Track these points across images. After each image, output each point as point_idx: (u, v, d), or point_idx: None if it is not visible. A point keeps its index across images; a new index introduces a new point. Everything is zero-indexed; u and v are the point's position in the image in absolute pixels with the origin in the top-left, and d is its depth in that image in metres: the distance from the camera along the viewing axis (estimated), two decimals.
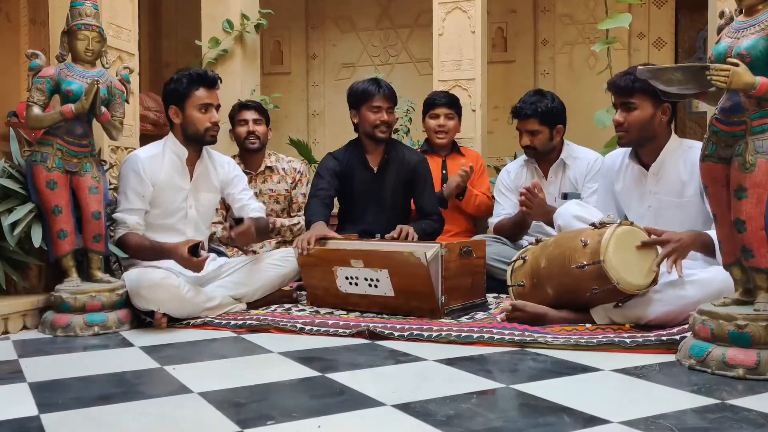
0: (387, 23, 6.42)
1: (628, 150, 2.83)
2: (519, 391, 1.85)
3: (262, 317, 2.82)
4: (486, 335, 2.43)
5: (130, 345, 2.52)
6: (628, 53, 5.69)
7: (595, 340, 2.32)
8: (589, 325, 2.51)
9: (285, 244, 3.74)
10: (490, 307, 3.01)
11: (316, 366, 2.14)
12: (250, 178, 3.84)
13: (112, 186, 3.16)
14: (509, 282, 2.78)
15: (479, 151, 4.12)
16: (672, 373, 2.01)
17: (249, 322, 2.77)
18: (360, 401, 1.78)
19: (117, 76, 2.97)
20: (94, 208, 2.83)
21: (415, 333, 2.51)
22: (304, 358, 2.26)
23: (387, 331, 2.54)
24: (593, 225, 2.55)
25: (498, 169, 4.20)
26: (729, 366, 1.93)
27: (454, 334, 2.46)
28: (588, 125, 4.24)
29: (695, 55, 5.86)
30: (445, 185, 3.74)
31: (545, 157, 3.42)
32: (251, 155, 3.88)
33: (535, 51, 5.99)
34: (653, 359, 2.16)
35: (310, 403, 1.79)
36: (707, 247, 2.43)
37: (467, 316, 2.82)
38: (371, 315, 2.89)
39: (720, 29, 2.15)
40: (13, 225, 2.69)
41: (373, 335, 2.54)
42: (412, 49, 6.32)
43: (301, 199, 3.92)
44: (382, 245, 2.95)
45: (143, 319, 2.84)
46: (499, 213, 3.53)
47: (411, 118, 4.67)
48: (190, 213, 3.08)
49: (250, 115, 3.84)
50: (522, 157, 3.56)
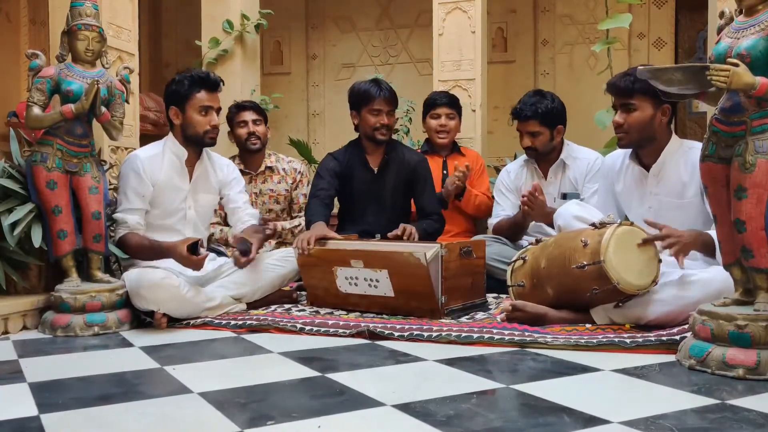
0: (387, 23, 6.42)
1: (629, 150, 2.82)
2: (519, 391, 1.85)
3: (262, 317, 2.83)
4: (486, 335, 2.43)
5: (130, 345, 2.52)
6: (628, 53, 5.69)
7: (595, 341, 2.32)
8: (589, 325, 2.51)
9: (285, 245, 3.74)
10: (490, 307, 3.01)
11: (316, 366, 2.14)
12: (250, 179, 3.84)
13: (112, 186, 3.16)
14: (509, 282, 2.78)
15: (479, 151, 4.12)
16: (672, 374, 2.01)
17: (249, 322, 2.77)
18: (360, 401, 1.78)
19: (117, 76, 2.98)
20: (94, 208, 2.83)
21: (415, 333, 2.51)
22: (304, 358, 2.26)
23: (387, 331, 2.54)
24: (593, 225, 2.55)
25: (498, 169, 4.19)
26: (729, 366, 1.93)
27: (454, 334, 2.46)
28: (588, 125, 4.24)
29: (695, 56, 5.86)
30: (448, 183, 3.73)
31: (545, 157, 3.42)
32: (251, 156, 3.87)
33: (535, 51, 5.99)
34: (653, 359, 2.16)
35: (310, 403, 1.79)
36: (708, 247, 2.43)
37: (467, 316, 2.82)
38: (371, 315, 2.89)
39: (720, 29, 2.15)
40: (13, 225, 2.70)
41: (373, 335, 2.54)
42: (412, 49, 6.32)
43: (302, 199, 3.91)
44: (382, 245, 2.95)
45: (143, 319, 2.84)
46: (499, 213, 3.53)
47: (411, 119, 4.67)
48: (189, 214, 3.08)
49: (248, 116, 3.84)
50: (522, 157, 3.56)
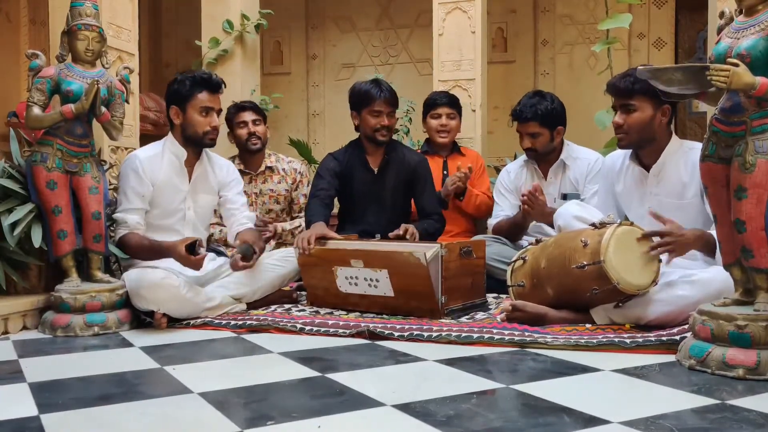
0: (387, 23, 6.42)
1: (629, 151, 2.82)
2: (519, 392, 1.85)
3: (262, 317, 2.83)
4: (486, 335, 2.43)
5: (130, 345, 2.52)
6: (628, 53, 5.69)
7: (595, 341, 2.32)
8: (589, 325, 2.51)
9: (285, 246, 3.73)
10: (490, 307, 3.01)
11: (316, 366, 2.14)
12: (250, 179, 3.84)
13: (112, 186, 3.16)
14: (509, 282, 2.78)
15: (479, 151, 4.12)
16: (672, 374, 2.01)
17: (249, 322, 2.77)
18: (360, 401, 1.78)
19: (117, 76, 2.98)
20: (94, 209, 2.83)
21: (415, 333, 2.51)
22: (304, 358, 2.26)
23: (387, 332, 2.54)
24: (593, 225, 2.55)
25: (498, 169, 4.19)
26: (729, 366, 1.93)
27: (454, 334, 2.46)
28: (588, 125, 4.24)
29: (695, 56, 5.86)
30: (447, 183, 3.72)
31: (545, 157, 3.41)
32: (252, 156, 3.87)
33: (535, 51, 5.99)
34: (653, 359, 2.16)
35: (310, 403, 1.79)
36: (709, 247, 2.43)
37: (467, 316, 2.82)
38: (371, 315, 2.89)
39: (720, 29, 2.15)
40: (13, 225, 2.69)
41: (373, 335, 2.54)
42: (412, 49, 6.32)
43: (302, 200, 3.91)
44: (382, 245, 2.95)
45: (143, 320, 2.84)
46: (498, 214, 3.53)
47: (411, 119, 4.67)
48: (189, 214, 3.08)
49: (248, 116, 3.83)
50: (522, 157, 3.56)
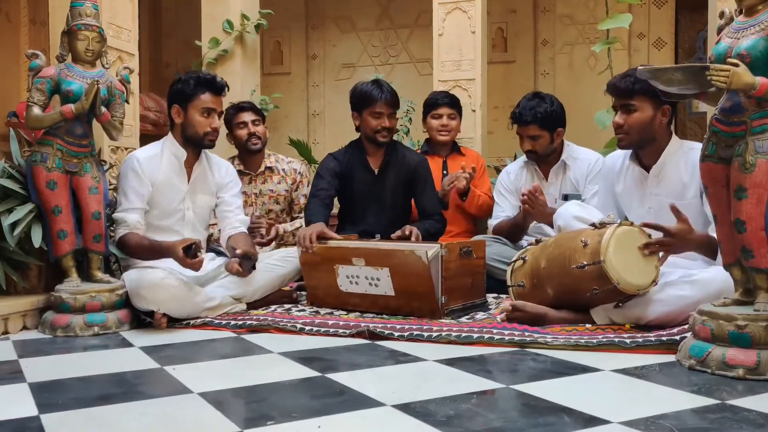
0: (387, 23, 6.42)
1: (629, 151, 2.82)
2: (519, 392, 1.85)
3: (262, 317, 2.83)
4: (486, 335, 2.43)
5: (130, 345, 2.52)
6: (628, 53, 5.69)
7: (595, 341, 2.32)
8: (589, 325, 2.51)
9: (286, 246, 3.73)
10: (490, 307, 3.01)
11: (316, 366, 2.14)
12: (250, 179, 3.84)
13: (112, 186, 3.16)
14: (509, 282, 2.78)
15: (479, 152, 4.12)
16: (672, 374, 2.01)
17: (249, 322, 2.77)
18: (360, 401, 1.78)
19: (117, 76, 2.98)
20: (94, 209, 2.83)
21: (415, 333, 2.51)
22: (304, 358, 2.26)
23: (387, 332, 2.54)
24: (593, 225, 2.55)
25: (498, 169, 4.19)
26: (729, 366, 1.93)
27: (454, 334, 2.46)
28: (588, 126, 4.24)
29: (695, 56, 5.86)
30: (444, 183, 3.71)
31: (546, 158, 3.41)
32: (251, 156, 3.87)
33: (535, 51, 5.99)
34: (653, 359, 2.16)
35: (310, 403, 1.79)
36: (710, 249, 2.42)
37: (467, 317, 2.82)
38: (371, 315, 2.89)
39: (720, 29, 2.15)
40: (13, 225, 2.70)
41: (373, 335, 2.54)
42: (412, 49, 6.32)
43: (302, 200, 3.91)
44: (383, 244, 2.96)
45: (143, 320, 2.84)
46: (499, 215, 3.52)
47: (411, 119, 4.67)
48: (188, 214, 3.08)
49: (247, 116, 3.83)
50: (522, 158, 3.55)
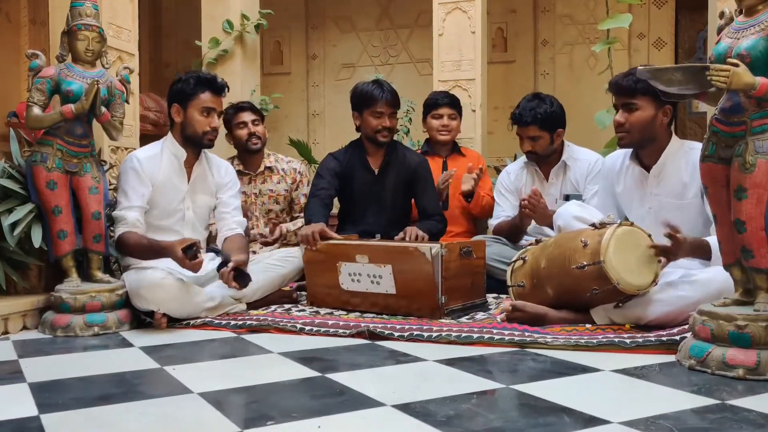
0: (387, 23, 6.42)
1: (629, 151, 2.82)
2: (519, 392, 1.85)
3: (262, 317, 2.83)
4: (486, 335, 2.43)
5: (130, 345, 2.52)
6: (628, 54, 5.69)
7: (595, 341, 2.32)
8: (589, 325, 2.51)
9: (289, 246, 3.72)
10: (490, 307, 3.01)
11: (316, 366, 2.14)
12: (250, 179, 3.84)
13: (112, 186, 3.16)
14: (509, 282, 2.78)
15: (479, 152, 4.12)
16: (672, 374, 2.01)
17: (249, 322, 2.77)
18: (360, 401, 1.78)
19: (117, 76, 2.98)
20: (94, 209, 2.83)
21: (415, 333, 2.51)
22: (304, 358, 2.26)
23: (387, 332, 2.54)
24: (593, 225, 2.54)
25: (498, 169, 4.19)
26: (729, 366, 1.93)
27: (454, 334, 2.46)
28: (588, 126, 4.24)
29: (695, 56, 5.86)
30: (439, 182, 3.69)
31: (546, 159, 3.41)
32: (251, 156, 3.86)
33: (535, 51, 5.99)
34: (653, 359, 2.16)
35: (310, 403, 1.79)
36: (705, 254, 2.43)
37: (467, 317, 2.82)
38: (371, 315, 2.89)
39: (720, 29, 2.15)
40: (13, 225, 2.70)
41: (373, 335, 2.54)
42: (412, 49, 6.32)
43: (302, 200, 3.90)
44: (387, 243, 2.97)
45: (143, 320, 2.84)
46: (499, 215, 3.53)
47: (411, 119, 4.67)
48: (188, 214, 3.07)
49: (247, 116, 3.82)
50: (522, 158, 3.55)
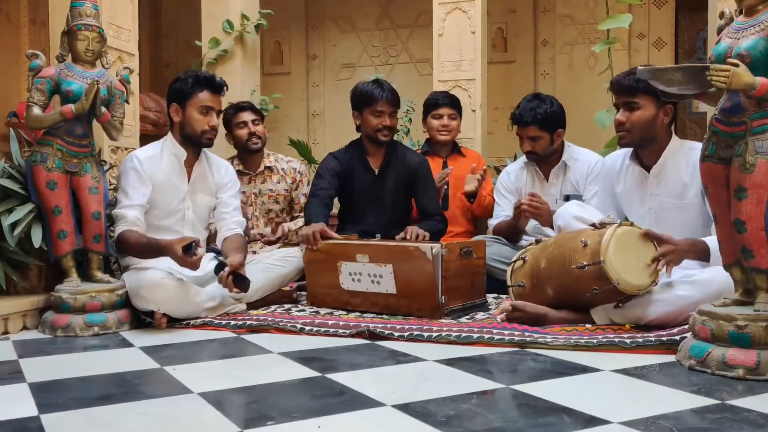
0: (387, 23, 6.42)
1: (629, 151, 2.82)
2: (519, 392, 1.85)
3: (262, 317, 2.83)
4: (486, 336, 2.43)
5: (130, 345, 2.52)
6: (628, 54, 5.69)
7: (595, 341, 2.32)
8: (589, 325, 2.51)
9: (290, 245, 3.72)
10: (490, 307, 3.01)
11: (316, 366, 2.14)
12: (249, 179, 3.84)
13: (112, 186, 3.16)
14: (509, 282, 2.78)
15: (479, 152, 4.12)
16: (672, 374, 2.01)
17: (249, 322, 2.77)
18: (360, 401, 1.78)
19: (117, 76, 2.98)
20: (94, 209, 2.83)
21: (415, 333, 2.51)
22: (304, 358, 2.26)
23: (387, 332, 2.54)
24: (593, 225, 2.55)
25: (498, 169, 4.19)
26: (729, 366, 1.93)
27: (454, 334, 2.46)
28: (588, 126, 4.24)
29: (695, 56, 5.86)
30: (435, 180, 3.68)
31: (546, 159, 3.40)
32: (251, 156, 3.86)
33: (535, 51, 5.99)
34: (653, 360, 2.16)
35: (310, 403, 1.79)
36: (703, 254, 2.43)
37: (467, 317, 2.82)
38: (371, 315, 2.89)
39: (720, 30, 2.15)
40: (13, 225, 2.70)
41: (373, 335, 2.54)
42: (412, 49, 6.32)
43: (302, 199, 3.90)
44: (387, 242, 2.97)
45: (143, 320, 2.84)
46: (499, 215, 3.52)
47: (411, 119, 4.67)
48: (188, 214, 3.07)
49: (247, 116, 3.83)
50: (522, 158, 3.55)
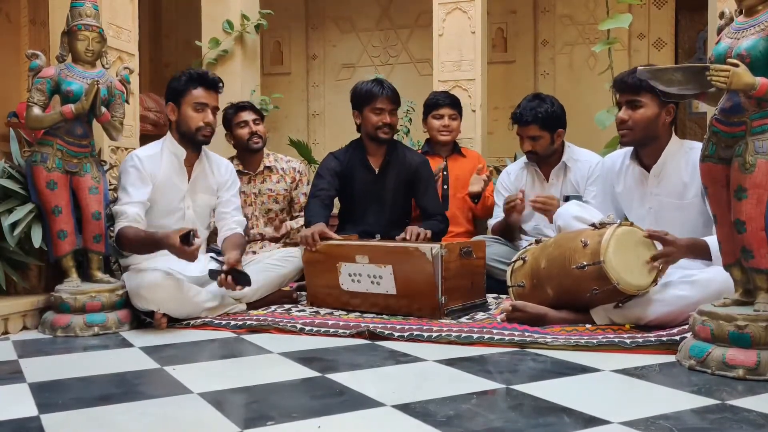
0: (387, 24, 6.42)
1: (629, 151, 2.82)
2: (519, 392, 1.85)
3: (262, 318, 2.83)
4: (486, 336, 2.43)
5: (130, 345, 2.52)
6: (628, 54, 5.69)
7: (595, 341, 2.32)
8: (589, 325, 2.51)
9: (292, 243, 3.72)
10: (490, 307, 3.01)
11: (316, 366, 2.14)
12: (249, 179, 3.84)
13: (112, 186, 3.16)
14: (509, 282, 2.78)
15: (479, 152, 4.12)
16: (672, 374, 2.01)
17: (249, 322, 2.77)
18: (360, 401, 1.78)
19: (117, 76, 2.98)
20: (94, 209, 2.83)
21: (415, 333, 2.51)
22: (304, 358, 2.26)
23: (387, 332, 2.54)
24: (593, 225, 2.55)
25: (498, 169, 4.19)
26: (729, 366, 1.93)
27: (454, 334, 2.46)
28: (588, 126, 4.24)
29: (695, 56, 5.86)
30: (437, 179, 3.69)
31: (546, 160, 3.40)
32: (251, 155, 3.87)
33: (535, 51, 5.99)
34: (653, 360, 2.16)
35: (310, 403, 1.79)
36: (703, 254, 2.43)
37: (467, 317, 2.82)
38: (371, 315, 2.89)
39: (720, 30, 2.15)
40: (13, 225, 2.70)
41: (373, 336, 2.54)
42: (412, 49, 6.32)
43: (302, 199, 3.90)
44: (387, 243, 2.97)
45: (143, 320, 2.84)
46: (498, 215, 3.52)
47: (411, 119, 4.67)
48: (188, 213, 3.07)
49: (248, 115, 3.83)
50: (522, 158, 3.55)
